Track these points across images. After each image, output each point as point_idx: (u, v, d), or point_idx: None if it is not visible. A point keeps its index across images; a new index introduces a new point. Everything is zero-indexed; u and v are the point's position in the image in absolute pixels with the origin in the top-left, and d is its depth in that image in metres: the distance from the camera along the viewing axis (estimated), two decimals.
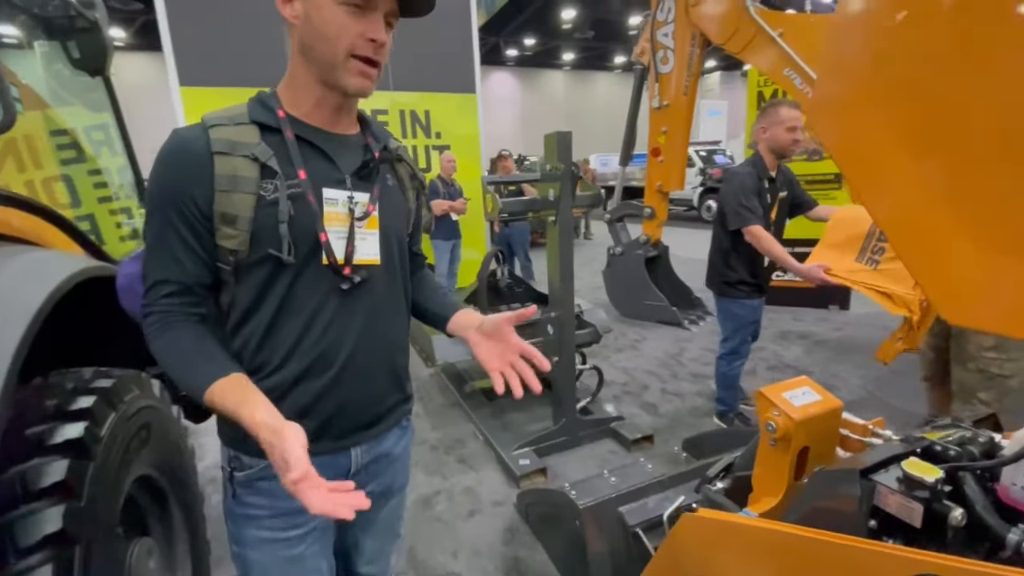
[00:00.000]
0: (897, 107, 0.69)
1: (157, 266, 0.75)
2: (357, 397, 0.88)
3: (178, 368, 0.74)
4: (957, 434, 0.93)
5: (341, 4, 0.70)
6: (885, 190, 0.72)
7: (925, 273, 0.70)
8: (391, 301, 0.91)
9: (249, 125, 0.76)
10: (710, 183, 11.94)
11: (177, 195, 0.72)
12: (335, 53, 0.72)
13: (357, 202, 0.82)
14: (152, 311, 0.75)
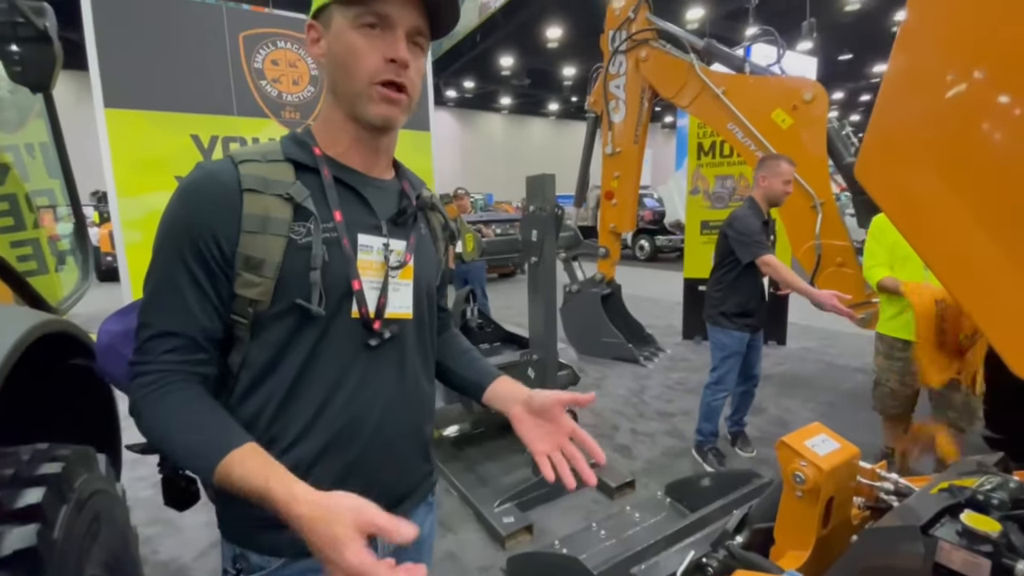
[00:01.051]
0: (959, 165, 0.72)
1: (161, 315, 0.64)
2: (385, 472, 0.77)
3: (181, 439, 0.61)
4: (990, 481, 0.96)
5: (356, 28, 0.66)
6: (942, 239, 0.74)
7: (990, 322, 0.71)
8: (421, 360, 0.82)
9: (283, 162, 0.69)
10: (642, 224, 12.61)
11: (197, 232, 0.63)
12: (356, 81, 0.67)
13: (392, 250, 0.75)
14: (146, 370, 0.64)
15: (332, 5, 0.67)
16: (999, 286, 0.68)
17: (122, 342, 0.73)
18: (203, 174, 0.66)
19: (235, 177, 0.65)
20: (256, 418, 0.68)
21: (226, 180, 0.65)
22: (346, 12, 0.66)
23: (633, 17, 4.05)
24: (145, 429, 0.64)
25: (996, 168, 0.69)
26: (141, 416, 0.63)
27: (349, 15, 0.66)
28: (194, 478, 0.84)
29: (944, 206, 0.73)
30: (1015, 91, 0.67)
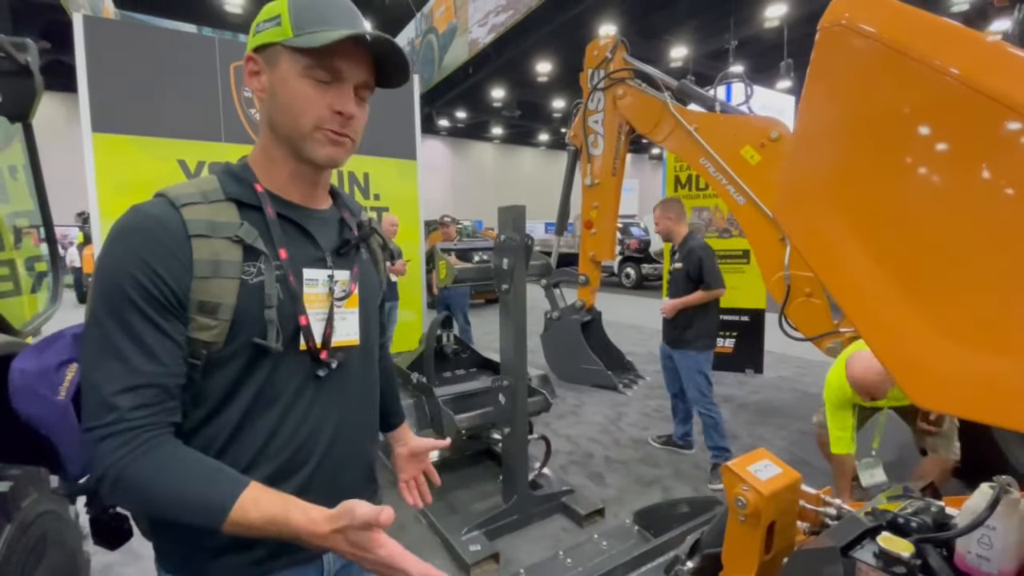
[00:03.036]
0: (856, 211, 0.79)
1: (120, 371, 0.60)
2: (332, 495, 0.78)
3: (180, 494, 0.60)
4: (912, 504, 1.01)
5: (305, 77, 0.67)
6: (847, 279, 0.81)
7: (888, 356, 0.77)
8: (367, 384, 0.85)
9: (225, 202, 0.69)
10: (628, 253, 12.82)
11: (147, 277, 0.61)
12: (301, 127, 0.69)
13: (337, 281, 0.77)
14: (115, 431, 0.60)
15: (279, 47, 0.68)
16: (893, 319, 0.75)
17: (39, 382, 0.72)
18: (143, 218, 0.64)
19: (179, 222, 0.64)
20: (204, 451, 0.67)
21: (171, 226, 0.64)
22: (296, 60, 0.67)
23: (611, 57, 4.24)
24: (126, 493, 0.60)
25: (889, 216, 0.76)
26: (120, 481, 0.59)
27: (299, 64, 0.67)
28: (125, 516, 0.83)
29: (846, 249, 0.80)
30: (899, 151, 0.75)
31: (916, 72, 0.72)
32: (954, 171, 0.68)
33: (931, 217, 0.70)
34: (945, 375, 0.69)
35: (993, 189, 0.65)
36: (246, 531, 0.60)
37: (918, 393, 0.73)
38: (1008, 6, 2.50)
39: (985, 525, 0.84)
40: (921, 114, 0.72)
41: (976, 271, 0.66)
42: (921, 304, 0.72)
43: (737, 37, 11.37)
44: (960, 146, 0.69)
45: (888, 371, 0.77)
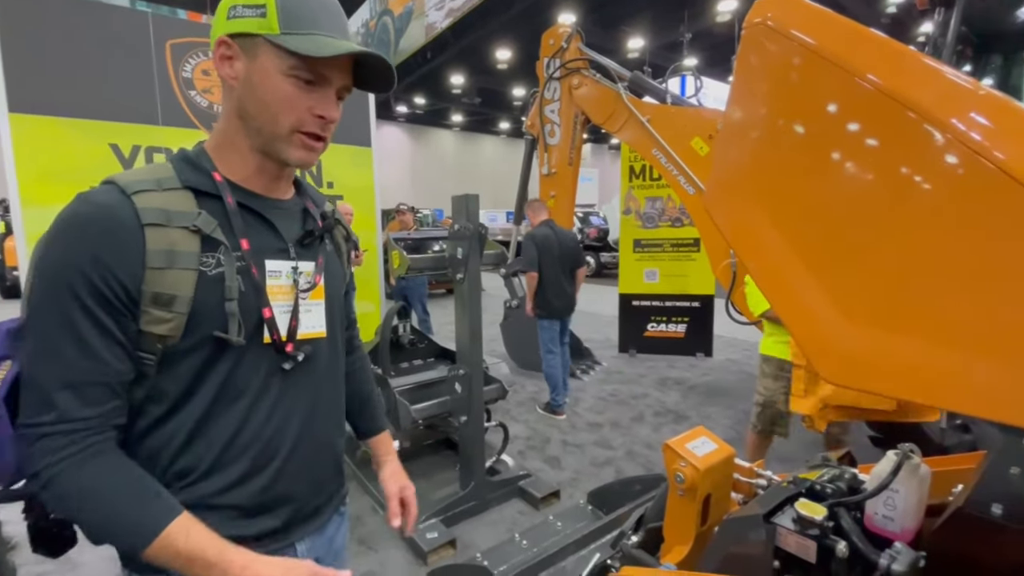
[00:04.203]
0: (774, 202, 0.85)
1: (60, 368, 0.58)
2: (301, 489, 0.79)
3: (105, 513, 0.59)
4: (829, 472, 1.09)
5: (289, 76, 0.65)
6: (766, 265, 0.86)
7: (802, 336, 0.83)
8: (333, 376, 0.85)
9: (181, 190, 0.66)
10: (588, 242, 13.02)
11: (94, 271, 0.58)
12: (279, 127, 0.67)
13: (301, 272, 0.76)
14: (54, 431, 0.58)
15: (261, 40, 0.64)
16: (806, 303, 0.80)
17: None
18: (92, 208, 0.60)
19: (131, 210, 0.61)
20: (159, 452, 0.66)
21: (122, 215, 0.61)
22: (281, 57, 0.64)
23: (566, 46, 4.26)
24: (57, 499, 0.59)
25: (802, 207, 0.82)
26: (52, 484, 0.57)
27: (284, 63, 0.64)
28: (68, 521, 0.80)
29: (766, 238, 0.86)
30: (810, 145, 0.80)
31: (826, 71, 0.77)
32: (855, 167, 0.74)
33: (835, 209, 0.76)
34: (848, 353, 0.76)
35: (887, 185, 0.71)
36: (166, 560, 0.59)
37: (826, 370, 0.79)
38: (929, 9, 2.67)
39: (889, 488, 0.93)
40: (828, 111, 0.77)
41: (873, 258, 0.72)
42: (829, 288, 0.78)
43: (691, 30, 11.62)
44: (862, 143, 0.75)
45: (803, 350, 0.83)
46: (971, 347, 0.62)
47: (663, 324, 5.38)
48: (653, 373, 4.69)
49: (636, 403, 3.98)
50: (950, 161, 0.63)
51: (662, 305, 5.34)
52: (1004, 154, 0.58)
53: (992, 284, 0.60)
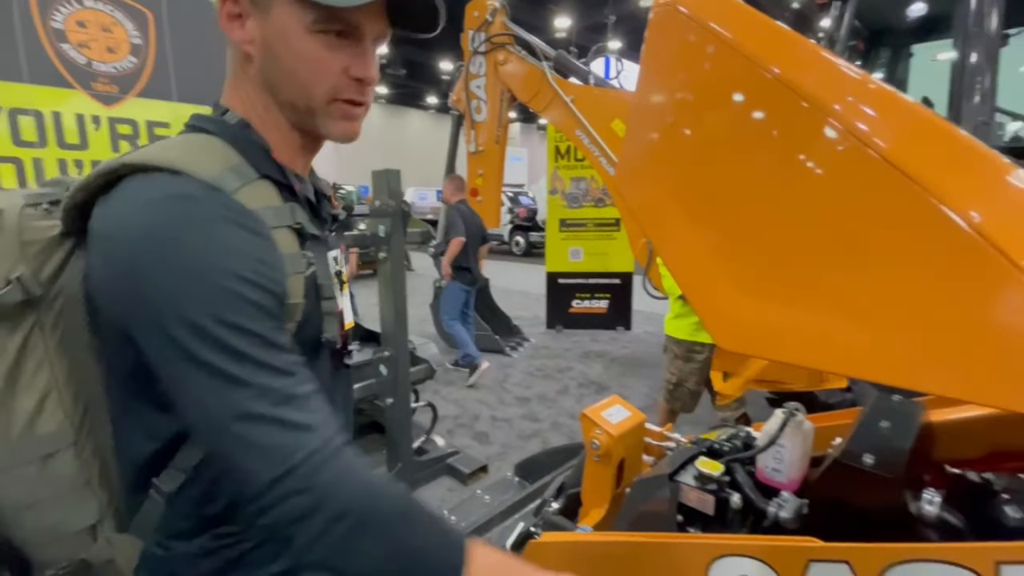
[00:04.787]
0: (677, 182, 0.89)
1: (285, 389, 0.49)
2: None
3: (412, 547, 0.49)
4: (727, 432, 1.20)
5: (316, 32, 0.53)
6: (671, 243, 0.91)
7: (701, 308, 0.88)
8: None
9: (262, 180, 0.56)
10: (518, 221, 13.14)
11: (267, 284, 0.51)
12: (313, 98, 0.57)
13: (338, 261, 0.69)
14: (329, 452, 0.49)
15: None
16: (705, 277, 0.86)
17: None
18: (223, 208, 0.50)
19: (252, 210, 0.52)
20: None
21: (254, 216, 0.52)
22: (302, 11, 0.52)
23: (491, 20, 4.17)
24: (360, 537, 0.47)
25: (699, 186, 0.86)
26: (350, 514, 0.47)
27: (306, 16, 0.52)
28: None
29: (670, 215, 0.90)
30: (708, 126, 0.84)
31: (728, 57, 0.81)
32: (750, 149, 0.79)
33: (732, 189, 0.81)
34: (742, 323, 0.82)
35: (778, 168, 0.76)
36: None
37: (721, 338, 0.85)
38: (827, 3, 2.89)
39: (777, 444, 1.03)
40: (728, 96, 0.82)
41: (764, 235, 0.78)
42: (727, 263, 0.84)
43: (615, 13, 11.84)
44: (757, 128, 0.80)
45: (704, 322, 0.88)
46: (844, 315, 0.69)
47: (587, 300, 5.59)
48: (578, 347, 4.87)
49: (562, 376, 4.13)
50: (836, 148, 0.69)
51: (586, 282, 5.54)
52: (886, 143, 0.64)
53: (865, 260, 0.67)
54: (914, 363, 0.64)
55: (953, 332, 0.59)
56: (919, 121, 0.71)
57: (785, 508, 0.96)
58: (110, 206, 0.51)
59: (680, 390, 2.55)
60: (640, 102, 0.92)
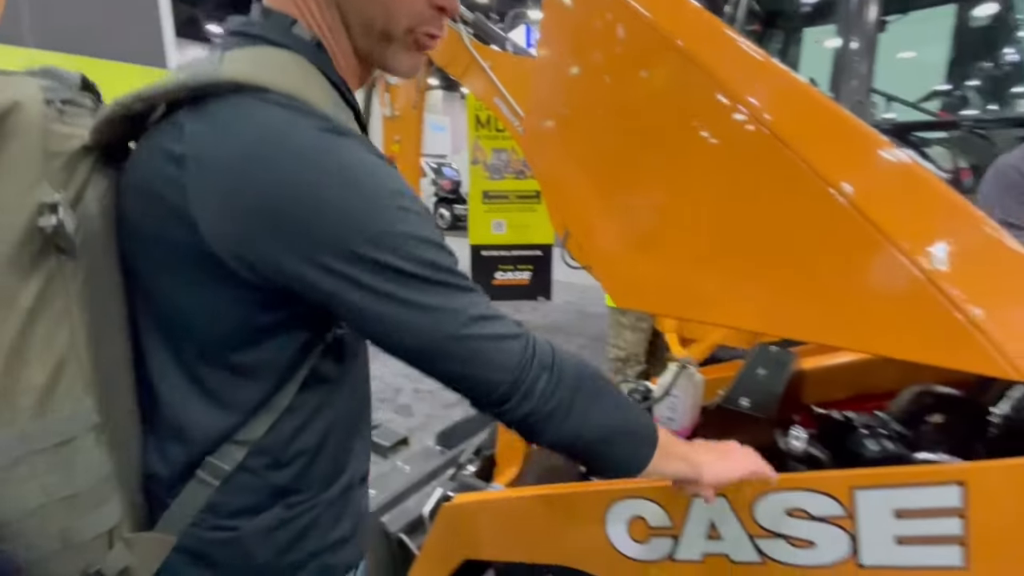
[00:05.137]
0: (577, 147, 0.89)
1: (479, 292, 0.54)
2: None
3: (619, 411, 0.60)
4: (627, 386, 1.27)
5: None
6: (573, 205, 0.92)
7: (600, 267, 0.91)
8: None
9: (347, 109, 0.54)
10: (442, 194, 12.86)
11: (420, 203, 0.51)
12: (392, 23, 0.52)
13: None
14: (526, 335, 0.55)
15: None
16: (603, 239, 0.87)
17: None
18: (360, 139, 0.47)
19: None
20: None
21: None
22: None
23: None
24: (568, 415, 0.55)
25: (595, 150, 0.87)
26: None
27: None
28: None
29: (571, 179, 0.90)
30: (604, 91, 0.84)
31: (622, 18, 0.81)
32: (639, 114, 0.81)
33: (622, 149, 0.83)
34: (634, 280, 0.85)
35: (664, 131, 0.78)
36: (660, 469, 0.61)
37: (616, 295, 0.88)
38: None
39: (671, 394, 1.11)
40: (623, 57, 0.82)
41: (652, 197, 0.81)
42: (620, 223, 0.86)
43: None
44: (651, 92, 0.81)
45: (600, 280, 0.91)
46: (730, 272, 0.73)
47: (510, 272, 5.64)
48: None
49: None
50: (726, 116, 0.71)
51: (508, 254, 5.57)
52: (773, 116, 0.67)
53: (748, 223, 0.71)
54: (789, 314, 0.70)
55: (823, 287, 0.66)
56: (809, 101, 0.74)
57: None
58: (224, 127, 0.43)
59: (630, 365, 2.46)
60: (541, 66, 0.91)
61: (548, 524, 0.96)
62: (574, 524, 0.92)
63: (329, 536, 0.59)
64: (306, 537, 0.57)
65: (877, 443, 0.90)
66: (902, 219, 0.62)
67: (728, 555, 0.74)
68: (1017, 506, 0.56)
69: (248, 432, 0.51)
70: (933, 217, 0.65)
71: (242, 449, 0.51)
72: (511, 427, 0.56)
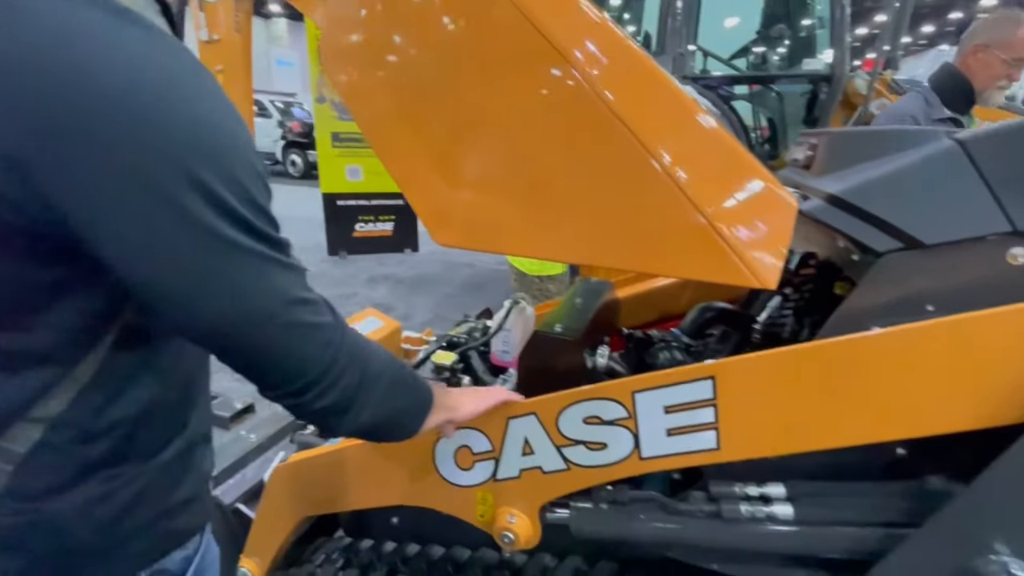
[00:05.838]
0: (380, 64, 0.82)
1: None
2: None
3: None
4: (467, 326, 1.28)
5: None
6: (382, 134, 0.86)
7: (419, 207, 0.87)
8: None
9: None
10: (291, 137, 11.54)
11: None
12: None
13: None
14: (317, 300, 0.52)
15: None
16: (417, 173, 0.83)
17: None
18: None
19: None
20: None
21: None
22: None
23: None
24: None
25: (404, 81, 0.81)
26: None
27: None
28: None
29: (379, 104, 0.83)
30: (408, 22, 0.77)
31: None
32: (450, 42, 0.75)
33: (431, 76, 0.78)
34: (452, 216, 0.83)
35: (476, 61, 0.75)
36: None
37: (437, 234, 0.85)
38: None
39: (504, 329, 1.14)
40: None
41: (467, 130, 0.78)
42: (435, 156, 0.82)
43: None
44: (461, 24, 0.76)
45: (421, 218, 0.87)
46: (545, 208, 0.74)
47: (371, 224, 5.36)
48: (363, 273, 4.71)
49: (344, 303, 3.96)
50: (536, 50, 0.68)
51: (368, 204, 5.27)
52: (599, 72, 0.66)
53: (557, 160, 0.72)
54: (597, 245, 0.73)
55: (608, 217, 0.69)
56: (620, 51, 0.75)
57: (509, 382, 1.09)
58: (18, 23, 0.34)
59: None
60: None
61: (381, 469, 0.95)
62: (405, 464, 0.92)
63: (167, 500, 0.56)
64: (139, 506, 0.53)
65: (669, 354, 1.03)
66: (677, 152, 0.67)
67: (541, 467, 0.80)
68: (750, 391, 0.67)
69: (43, 408, 0.45)
70: (700, 147, 0.73)
71: (38, 427, 0.46)
72: (301, 417, 0.56)
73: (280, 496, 1.08)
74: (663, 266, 0.73)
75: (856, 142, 0.81)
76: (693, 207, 0.65)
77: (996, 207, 0.62)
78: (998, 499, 0.58)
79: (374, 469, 0.97)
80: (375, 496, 0.99)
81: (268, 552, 1.11)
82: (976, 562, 0.59)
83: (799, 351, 0.64)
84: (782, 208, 0.72)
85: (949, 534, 0.60)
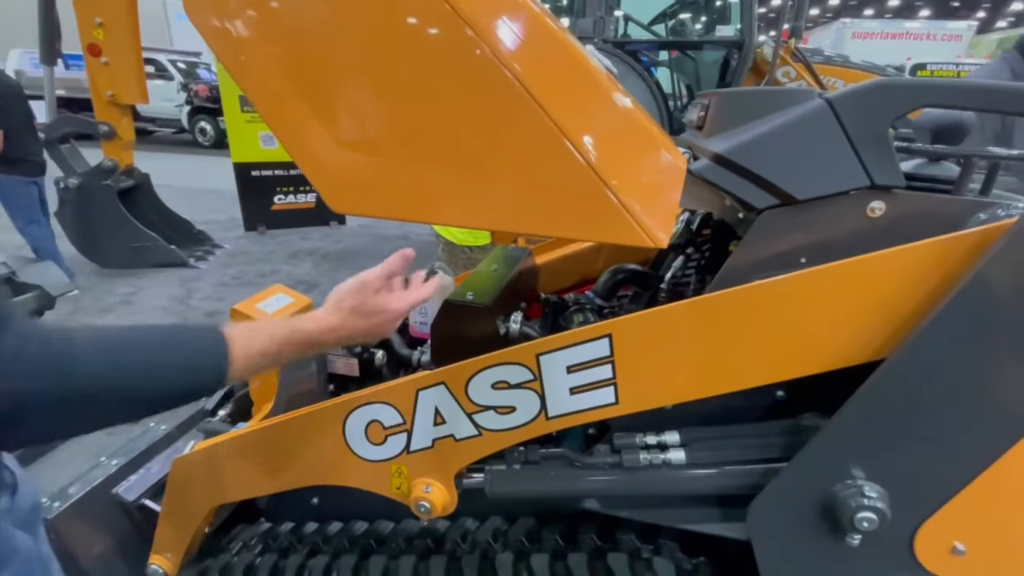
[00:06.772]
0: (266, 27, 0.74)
1: None
2: None
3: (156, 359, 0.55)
4: None
5: None
6: (264, 93, 0.78)
7: (311, 172, 0.81)
8: None
9: None
10: (199, 102, 10.49)
11: None
12: None
13: None
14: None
15: None
16: (309, 134, 0.76)
17: None
18: None
19: None
20: None
21: None
22: None
23: None
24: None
25: (293, 41, 0.73)
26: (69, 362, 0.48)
27: None
28: None
29: (255, 49, 0.75)
30: None
31: None
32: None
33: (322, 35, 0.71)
34: (346, 182, 0.78)
35: (374, 23, 0.69)
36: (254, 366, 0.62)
37: (332, 201, 0.80)
38: None
39: None
40: None
41: (362, 92, 0.73)
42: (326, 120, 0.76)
43: None
44: None
45: (314, 184, 0.81)
46: (451, 173, 0.71)
47: (291, 196, 5.04)
48: (284, 248, 4.45)
49: (264, 281, 3.74)
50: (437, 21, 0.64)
51: (287, 175, 4.93)
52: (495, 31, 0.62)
53: (469, 127, 0.68)
54: (497, 210, 0.71)
55: (523, 183, 0.68)
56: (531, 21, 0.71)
57: (427, 353, 1.07)
58: None
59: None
60: None
61: (291, 450, 0.92)
62: (315, 444, 0.89)
63: None
64: None
65: (582, 316, 1.05)
66: (577, 117, 0.66)
67: (453, 435, 0.80)
68: (643, 346, 0.70)
69: None
70: (598, 113, 0.72)
71: None
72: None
73: (184, 488, 1.02)
74: (561, 229, 0.73)
75: (741, 102, 0.84)
76: (591, 170, 0.65)
77: (857, 163, 0.66)
78: (852, 430, 0.65)
79: (284, 451, 0.93)
80: (288, 479, 0.96)
81: (179, 546, 1.06)
82: (836, 487, 0.66)
83: (684, 306, 0.67)
84: (671, 170, 0.74)
85: (814, 464, 0.67)
